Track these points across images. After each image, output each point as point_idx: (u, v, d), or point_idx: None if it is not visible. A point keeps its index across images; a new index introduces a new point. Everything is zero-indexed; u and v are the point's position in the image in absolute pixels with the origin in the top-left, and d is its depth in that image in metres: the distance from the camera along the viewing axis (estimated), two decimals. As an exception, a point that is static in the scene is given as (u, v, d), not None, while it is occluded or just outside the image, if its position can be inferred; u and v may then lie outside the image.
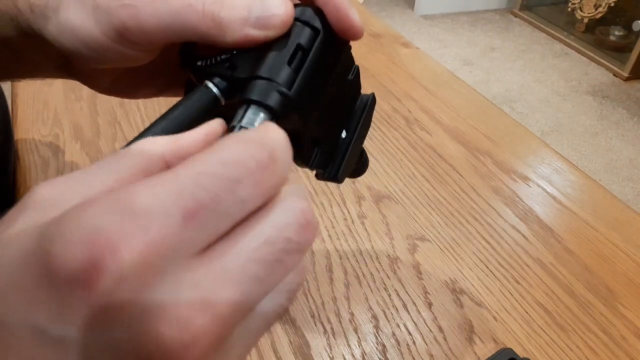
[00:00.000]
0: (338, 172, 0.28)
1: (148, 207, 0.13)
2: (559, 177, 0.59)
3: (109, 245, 0.13)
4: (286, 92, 0.22)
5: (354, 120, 0.29)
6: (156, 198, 0.14)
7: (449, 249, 0.50)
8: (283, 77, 0.22)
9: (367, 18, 0.93)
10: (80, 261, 0.13)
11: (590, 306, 0.45)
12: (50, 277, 0.13)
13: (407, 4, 3.32)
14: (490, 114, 0.69)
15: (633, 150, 2.11)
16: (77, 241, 0.13)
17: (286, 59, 0.23)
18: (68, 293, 0.13)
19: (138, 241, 0.13)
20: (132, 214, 0.13)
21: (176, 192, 0.14)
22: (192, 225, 0.14)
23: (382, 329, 0.42)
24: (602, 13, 2.74)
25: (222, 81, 0.23)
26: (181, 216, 0.14)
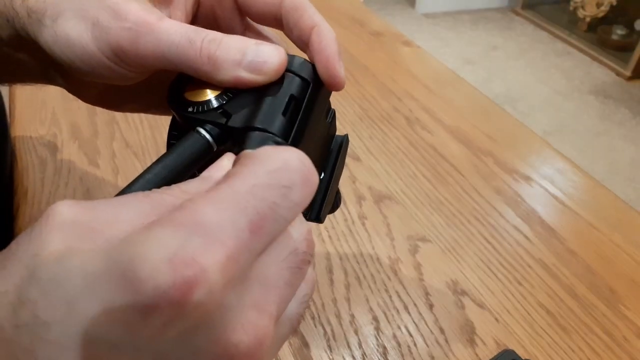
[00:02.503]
0: (320, 213, 0.28)
1: (218, 224, 0.14)
2: (561, 178, 0.58)
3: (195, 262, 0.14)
4: (283, 143, 0.23)
5: (330, 161, 0.30)
6: (223, 214, 0.15)
7: (451, 249, 0.49)
8: (279, 128, 0.23)
9: (367, 16, 0.93)
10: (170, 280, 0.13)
11: (593, 307, 0.44)
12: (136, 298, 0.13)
13: (408, 2, 3.31)
14: (492, 113, 0.69)
15: (635, 150, 2.11)
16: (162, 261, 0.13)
17: (281, 110, 0.23)
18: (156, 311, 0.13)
19: (220, 256, 0.14)
20: (206, 231, 0.14)
21: (239, 207, 0.15)
22: (258, 236, 0.15)
23: (382, 330, 0.42)
24: (604, 12, 2.74)
25: (215, 128, 0.23)
26: (249, 229, 0.15)
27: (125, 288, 0.14)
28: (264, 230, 0.15)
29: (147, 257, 0.14)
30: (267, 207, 0.15)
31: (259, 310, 0.16)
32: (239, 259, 0.15)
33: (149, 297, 0.13)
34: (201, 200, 0.15)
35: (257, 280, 0.16)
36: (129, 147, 0.59)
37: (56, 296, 0.14)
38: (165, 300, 0.13)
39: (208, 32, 0.23)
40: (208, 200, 0.15)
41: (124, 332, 0.14)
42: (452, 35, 2.99)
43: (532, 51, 2.83)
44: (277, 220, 0.16)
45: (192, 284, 0.13)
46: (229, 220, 0.15)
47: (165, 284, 0.13)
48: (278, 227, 0.16)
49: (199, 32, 0.23)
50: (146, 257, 0.14)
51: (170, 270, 0.13)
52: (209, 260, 0.14)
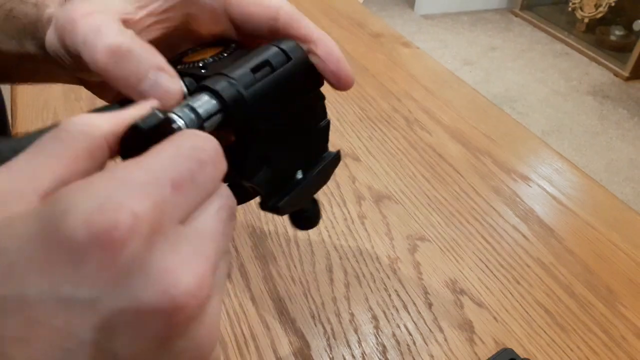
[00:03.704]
0: (279, 203, 0.29)
1: (144, 180, 0.16)
2: (559, 177, 0.59)
3: (121, 209, 0.14)
4: (241, 91, 0.23)
5: (313, 167, 0.30)
6: (148, 173, 0.16)
7: (449, 249, 0.49)
8: (243, 78, 0.24)
9: (367, 18, 0.93)
10: (97, 225, 0.14)
11: (591, 306, 0.45)
12: (69, 246, 0.14)
13: (408, 4, 3.32)
14: (490, 113, 0.69)
15: (633, 150, 2.11)
16: (90, 210, 0.14)
17: (251, 66, 0.24)
18: (90, 257, 0.14)
19: (144, 205, 0.15)
20: (133, 184, 0.15)
21: (161, 168, 0.17)
22: (179, 193, 0.17)
23: (382, 329, 0.42)
24: (602, 13, 2.74)
25: (194, 82, 0.25)
26: (171, 186, 0.16)
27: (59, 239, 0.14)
28: (184, 189, 0.17)
29: (78, 207, 0.14)
30: (187, 172, 0.17)
31: (199, 255, 0.17)
32: (164, 209, 0.16)
33: (82, 243, 0.14)
34: (129, 163, 0.17)
35: (195, 231, 0.17)
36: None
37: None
38: (97, 245, 0.14)
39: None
40: (135, 164, 0.16)
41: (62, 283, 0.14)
42: (451, 36, 2.99)
43: (531, 52, 2.84)
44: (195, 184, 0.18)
45: (121, 226, 0.14)
46: (154, 178, 0.16)
47: (96, 229, 0.14)
48: (196, 189, 0.18)
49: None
50: (77, 208, 0.14)
51: (99, 216, 0.14)
52: (136, 206, 0.15)
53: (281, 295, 0.45)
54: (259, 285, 0.45)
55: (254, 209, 0.53)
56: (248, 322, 0.43)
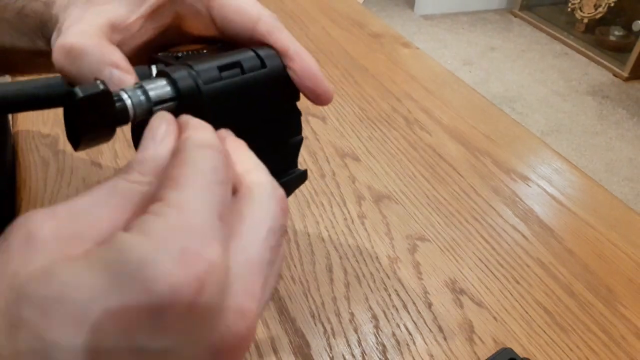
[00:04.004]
0: None
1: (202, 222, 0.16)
2: (559, 177, 0.59)
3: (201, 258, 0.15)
4: (199, 84, 0.23)
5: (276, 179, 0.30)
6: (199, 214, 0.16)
7: (449, 249, 0.50)
8: (206, 73, 0.24)
9: (367, 18, 0.93)
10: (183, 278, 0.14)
11: (590, 306, 0.45)
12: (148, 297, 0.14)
13: (407, 4, 3.32)
14: (490, 114, 0.69)
15: (633, 150, 2.11)
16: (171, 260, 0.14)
17: (219, 64, 0.24)
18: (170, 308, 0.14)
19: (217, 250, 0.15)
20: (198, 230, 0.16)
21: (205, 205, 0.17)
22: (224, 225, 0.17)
23: (382, 329, 0.43)
24: (602, 13, 2.74)
25: (164, 67, 0.25)
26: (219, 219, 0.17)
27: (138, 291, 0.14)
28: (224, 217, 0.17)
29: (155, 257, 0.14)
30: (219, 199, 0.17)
31: (249, 294, 0.17)
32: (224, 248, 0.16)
33: (165, 295, 0.14)
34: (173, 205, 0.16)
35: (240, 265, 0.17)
36: (131, 148, 0.60)
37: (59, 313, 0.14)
38: (180, 297, 0.14)
39: None
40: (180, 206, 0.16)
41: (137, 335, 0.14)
42: (450, 37, 2.99)
43: (530, 52, 2.84)
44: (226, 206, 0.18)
45: (204, 278, 0.15)
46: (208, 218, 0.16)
47: (179, 282, 0.14)
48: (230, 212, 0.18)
49: None
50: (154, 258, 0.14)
51: (181, 268, 0.14)
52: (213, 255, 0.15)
53: (281, 295, 0.45)
54: (259, 285, 0.46)
55: (254, 209, 0.53)
56: (248, 321, 0.43)
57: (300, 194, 0.55)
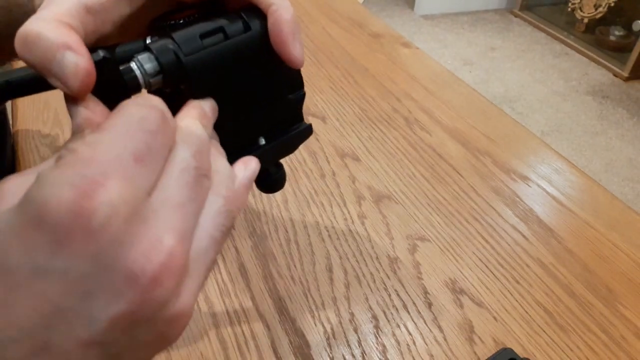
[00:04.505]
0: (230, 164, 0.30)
1: (108, 159, 0.17)
2: (558, 177, 0.59)
3: (94, 186, 0.16)
4: (180, 57, 0.24)
5: (279, 136, 0.30)
6: (110, 152, 0.17)
7: (449, 249, 0.50)
8: (187, 44, 0.24)
9: (367, 18, 0.93)
10: (72, 201, 0.16)
11: (590, 306, 0.45)
12: (45, 220, 0.16)
13: (407, 4, 3.32)
14: (490, 114, 0.69)
15: (633, 150, 2.11)
16: (65, 187, 0.16)
17: (201, 32, 0.24)
18: (65, 230, 0.16)
19: (116, 181, 0.17)
20: (100, 165, 0.17)
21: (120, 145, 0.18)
22: (142, 166, 0.18)
23: (382, 329, 0.43)
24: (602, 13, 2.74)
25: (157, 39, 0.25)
26: (133, 160, 0.18)
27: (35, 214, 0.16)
28: (145, 160, 0.18)
29: (54, 193, 0.16)
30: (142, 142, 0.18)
31: (165, 226, 0.18)
32: (133, 184, 0.17)
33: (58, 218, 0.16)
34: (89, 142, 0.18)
35: (159, 202, 0.18)
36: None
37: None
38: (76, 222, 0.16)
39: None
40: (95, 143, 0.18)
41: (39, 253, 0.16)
42: (450, 37, 2.99)
43: (530, 52, 2.84)
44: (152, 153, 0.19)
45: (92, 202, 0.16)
46: (116, 155, 0.17)
47: (66, 204, 0.16)
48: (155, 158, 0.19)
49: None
50: (53, 194, 0.16)
51: (71, 192, 0.16)
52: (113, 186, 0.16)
53: (281, 295, 0.45)
54: (259, 285, 0.46)
55: (254, 210, 0.53)
56: (248, 321, 0.43)
57: (300, 194, 0.55)
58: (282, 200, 0.54)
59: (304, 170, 0.58)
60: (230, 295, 0.45)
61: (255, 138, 0.29)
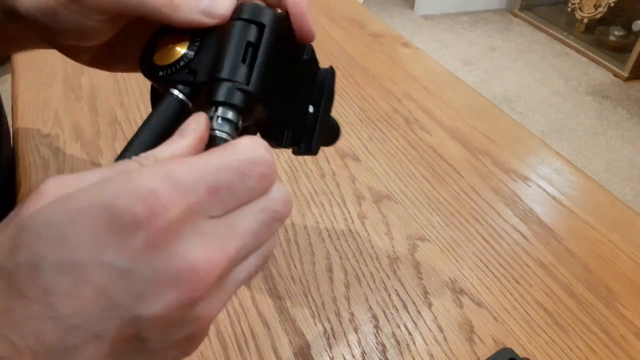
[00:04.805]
0: (311, 146, 0.31)
1: (185, 180, 0.19)
2: (559, 177, 0.59)
3: (161, 202, 0.18)
4: (247, 89, 0.25)
5: (317, 95, 0.31)
6: (190, 175, 0.19)
7: (449, 249, 0.50)
8: (241, 75, 0.25)
9: (367, 18, 0.93)
10: (143, 211, 0.18)
11: (590, 306, 0.45)
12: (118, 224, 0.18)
13: (407, 4, 3.32)
14: (490, 114, 0.69)
15: (633, 150, 2.11)
16: (138, 198, 0.18)
17: (240, 57, 0.25)
18: (132, 234, 0.18)
19: (181, 203, 0.19)
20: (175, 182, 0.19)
21: (204, 174, 0.20)
22: (213, 198, 0.20)
23: (382, 329, 0.43)
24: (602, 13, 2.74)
25: (186, 87, 0.26)
26: (206, 191, 0.20)
27: (108, 217, 0.18)
28: (218, 195, 0.20)
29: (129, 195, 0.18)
30: (225, 181, 0.20)
31: (219, 246, 0.20)
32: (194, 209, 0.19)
33: (130, 222, 0.18)
34: (175, 161, 0.20)
35: (225, 225, 0.20)
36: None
37: (47, 235, 0.18)
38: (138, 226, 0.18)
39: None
40: (180, 162, 0.20)
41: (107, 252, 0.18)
42: (450, 37, 2.99)
43: (530, 52, 2.84)
44: (230, 194, 0.20)
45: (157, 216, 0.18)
46: (192, 180, 0.19)
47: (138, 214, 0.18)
48: (231, 200, 0.21)
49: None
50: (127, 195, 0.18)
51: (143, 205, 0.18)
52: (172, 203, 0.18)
53: (281, 295, 0.45)
54: (259, 285, 0.46)
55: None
56: (248, 321, 0.43)
57: (300, 194, 0.55)
58: (282, 200, 0.54)
59: (304, 170, 0.58)
60: (230, 295, 0.45)
61: (306, 111, 0.31)
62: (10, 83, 0.72)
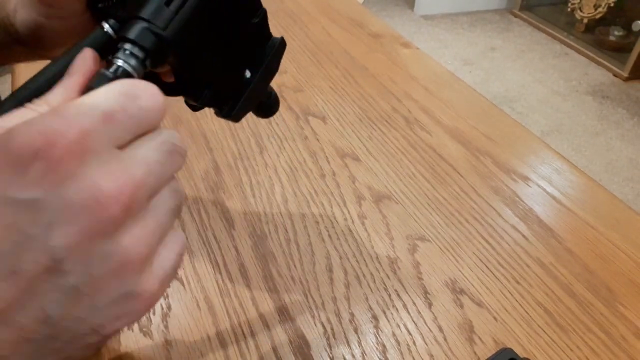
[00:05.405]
0: (232, 111, 0.30)
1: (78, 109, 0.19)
2: (559, 177, 0.59)
3: (59, 130, 0.18)
4: (161, 33, 0.24)
5: (258, 62, 0.31)
6: (81, 107, 0.20)
7: (449, 249, 0.50)
8: (160, 18, 0.24)
9: (367, 18, 0.93)
10: (38, 140, 0.18)
11: (590, 306, 0.45)
12: (12, 156, 0.18)
13: (407, 4, 3.32)
14: (490, 114, 0.69)
15: (633, 150, 2.11)
16: (33, 129, 0.18)
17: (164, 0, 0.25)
18: (33, 167, 0.18)
19: (76, 127, 0.19)
20: (68, 112, 0.19)
21: (95, 101, 0.20)
22: (110, 124, 0.20)
23: (382, 329, 0.42)
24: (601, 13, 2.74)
25: (116, 22, 0.26)
26: (102, 115, 0.20)
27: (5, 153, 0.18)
28: (114, 120, 0.20)
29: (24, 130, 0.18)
30: (118, 105, 0.20)
31: (124, 171, 0.20)
32: (93, 134, 0.19)
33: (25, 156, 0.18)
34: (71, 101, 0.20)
35: (130, 154, 0.21)
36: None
37: None
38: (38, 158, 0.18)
39: None
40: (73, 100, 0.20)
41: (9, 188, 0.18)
42: (450, 37, 2.99)
43: (530, 52, 2.84)
44: (126, 116, 0.21)
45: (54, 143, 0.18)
46: (86, 107, 0.20)
47: (33, 142, 0.18)
48: (130, 120, 0.21)
49: None
50: (23, 130, 0.18)
51: (38, 134, 0.18)
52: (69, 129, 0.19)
53: (281, 295, 0.45)
54: (259, 285, 0.46)
55: (254, 209, 0.53)
56: (248, 321, 0.43)
57: (300, 194, 0.55)
58: (282, 200, 0.54)
59: (304, 170, 0.58)
60: (230, 295, 0.45)
61: (242, 74, 0.30)
62: (10, 83, 0.72)
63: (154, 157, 0.22)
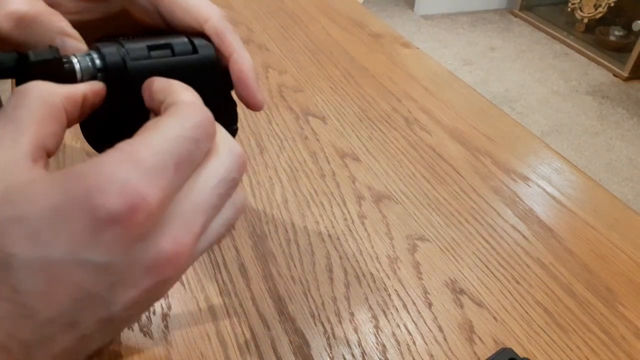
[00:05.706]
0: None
1: (153, 163, 0.19)
2: (558, 177, 0.59)
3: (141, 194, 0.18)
4: (126, 60, 0.25)
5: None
6: (156, 156, 0.19)
7: (449, 249, 0.50)
8: (135, 51, 0.25)
9: (367, 18, 0.93)
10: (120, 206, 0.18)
11: (590, 306, 0.45)
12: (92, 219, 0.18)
13: (407, 4, 3.32)
14: (490, 114, 0.69)
15: (633, 150, 2.11)
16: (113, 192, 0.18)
17: (149, 44, 0.25)
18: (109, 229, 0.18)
19: (156, 188, 0.19)
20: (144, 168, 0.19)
21: (168, 150, 0.20)
22: (179, 173, 0.20)
23: (382, 329, 0.42)
24: (602, 13, 2.75)
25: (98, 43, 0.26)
26: (174, 168, 0.20)
27: (82, 215, 0.18)
28: (184, 168, 0.20)
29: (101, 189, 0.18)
30: (185, 152, 0.20)
31: (185, 227, 0.20)
32: (167, 190, 0.19)
33: (103, 220, 0.18)
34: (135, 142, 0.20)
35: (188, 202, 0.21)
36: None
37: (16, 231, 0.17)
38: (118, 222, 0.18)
39: None
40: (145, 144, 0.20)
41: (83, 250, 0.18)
42: (450, 37, 2.99)
43: (530, 52, 2.84)
44: (191, 162, 0.21)
45: (137, 208, 0.18)
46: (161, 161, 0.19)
47: (117, 210, 0.18)
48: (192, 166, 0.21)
49: None
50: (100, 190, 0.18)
51: (121, 200, 0.18)
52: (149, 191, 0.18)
53: (281, 295, 0.45)
54: (259, 285, 0.46)
55: (254, 210, 0.53)
56: (248, 321, 0.43)
57: (300, 194, 0.55)
58: (282, 201, 0.54)
59: (304, 170, 0.58)
60: (230, 295, 0.45)
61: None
62: (10, 83, 0.72)
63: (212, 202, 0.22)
